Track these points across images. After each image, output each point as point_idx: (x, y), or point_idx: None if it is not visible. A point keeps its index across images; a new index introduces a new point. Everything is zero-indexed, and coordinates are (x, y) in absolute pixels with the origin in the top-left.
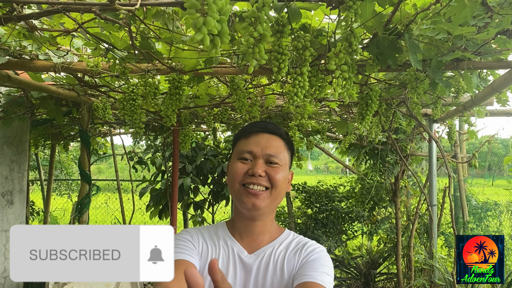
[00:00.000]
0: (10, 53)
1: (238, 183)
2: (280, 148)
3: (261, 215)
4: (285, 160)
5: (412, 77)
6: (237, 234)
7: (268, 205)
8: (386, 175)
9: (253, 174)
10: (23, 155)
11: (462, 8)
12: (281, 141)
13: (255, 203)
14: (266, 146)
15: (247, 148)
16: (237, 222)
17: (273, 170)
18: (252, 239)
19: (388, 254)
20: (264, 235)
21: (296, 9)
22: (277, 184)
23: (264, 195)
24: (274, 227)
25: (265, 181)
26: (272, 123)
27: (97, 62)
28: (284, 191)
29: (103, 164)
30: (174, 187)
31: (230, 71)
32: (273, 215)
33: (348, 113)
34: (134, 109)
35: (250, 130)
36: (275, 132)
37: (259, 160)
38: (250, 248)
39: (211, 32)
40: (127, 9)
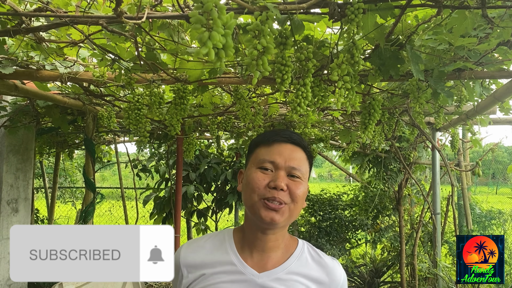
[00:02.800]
0: (17, 64)
1: (257, 196)
2: (303, 161)
3: (277, 229)
4: (306, 173)
5: (414, 87)
6: (246, 250)
7: (286, 220)
8: (390, 183)
9: (275, 187)
10: (28, 163)
11: (463, 20)
12: (303, 154)
13: (274, 218)
14: (290, 157)
15: (269, 157)
16: (248, 233)
17: (295, 185)
18: (262, 257)
19: (392, 262)
20: (276, 251)
21: (299, 22)
22: (297, 200)
23: (283, 209)
24: (286, 240)
25: (286, 195)
26: (296, 133)
27: (103, 72)
28: (301, 206)
29: (107, 172)
30: (177, 195)
31: (234, 81)
32: (286, 229)
33: (351, 122)
34: (139, 118)
35: (274, 139)
36: (299, 143)
37: (281, 171)
38: (259, 267)
39: (216, 46)
40: (133, 22)
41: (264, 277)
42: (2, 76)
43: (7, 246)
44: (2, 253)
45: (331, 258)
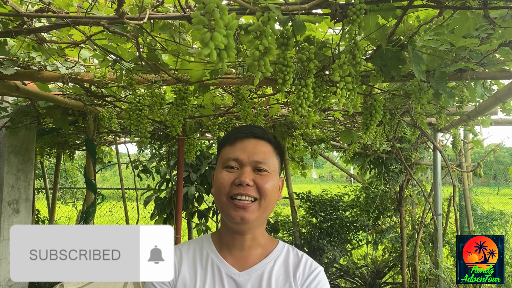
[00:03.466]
0: (18, 64)
1: (225, 196)
2: (269, 154)
3: (250, 228)
4: (274, 166)
5: (416, 88)
6: (225, 250)
7: (258, 217)
8: (391, 184)
9: (240, 184)
10: (29, 164)
11: (464, 20)
12: (269, 146)
13: (243, 216)
14: (253, 152)
15: (233, 155)
16: (225, 236)
17: (262, 179)
18: (242, 255)
19: (393, 263)
20: (255, 249)
21: (300, 22)
22: (266, 194)
23: (253, 207)
24: (266, 240)
25: (253, 191)
26: (258, 126)
27: (104, 73)
28: (274, 201)
29: (107, 173)
30: (178, 195)
31: (235, 82)
32: (263, 227)
33: (353, 123)
34: (140, 119)
35: (235, 136)
36: (262, 136)
37: (246, 167)
38: (240, 265)
39: (218, 46)
40: (135, 23)
41: (245, 275)
42: (3, 76)
43: (8, 247)
44: (3, 254)
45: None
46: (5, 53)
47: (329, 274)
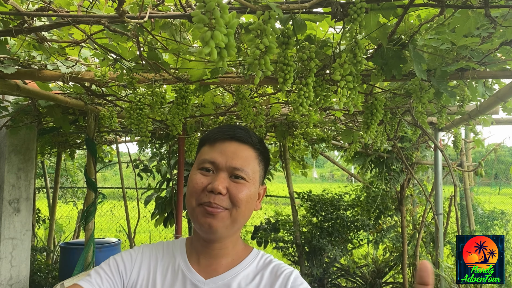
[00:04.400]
0: (19, 63)
1: (195, 201)
2: (249, 160)
3: (220, 238)
4: (254, 174)
5: (417, 87)
6: (194, 256)
7: (228, 226)
8: (392, 184)
9: (212, 191)
10: (30, 163)
11: (466, 19)
12: (251, 152)
13: (211, 223)
14: (232, 157)
15: (210, 157)
16: (195, 241)
17: (237, 188)
18: (209, 263)
19: (394, 263)
20: (224, 258)
21: (301, 21)
22: (239, 205)
23: (222, 215)
24: (238, 248)
25: (225, 200)
26: (243, 128)
27: (104, 72)
28: (249, 211)
29: (108, 172)
30: (179, 195)
31: (236, 81)
32: (236, 236)
33: (353, 122)
34: (141, 118)
35: (216, 137)
36: (245, 140)
37: (222, 173)
38: (206, 273)
39: (218, 45)
40: (135, 22)
41: (210, 283)
42: (4, 76)
43: (8, 246)
44: (3, 253)
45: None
46: (6, 52)
47: (329, 273)
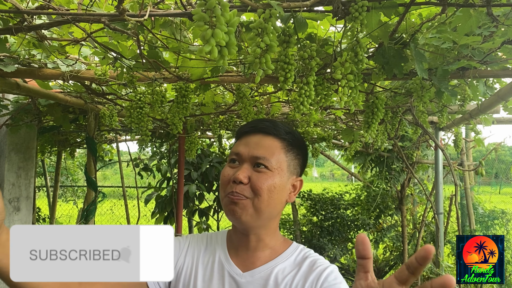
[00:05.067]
0: (19, 62)
1: (223, 192)
2: (273, 150)
3: (251, 228)
4: (279, 164)
5: (418, 86)
6: (232, 249)
7: (253, 216)
8: (392, 183)
9: (234, 181)
10: (30, 162)
11: (467, 18)
12: (276, 142)
13: (234, 210)
14: (255, 147)
15: (235, 149)
16: (233, 234)
17: (258, 176)
18: (247, 255)
19: (394, 262)
20: (262, 251)
21: (302, 19)
22: (260, 193)
23: (244, 203)
24: (276, 242)
25: (246, 189)
26: (270, 120)
27: (105, 71)
28: (276, 202)
29: (108, 171)
30: (179, 194)
31: (236, 80)
32: (271, 229)
33: (354, 121)
34: (141, 117)
35: (242, 130)
36: (269, 131)
37: (245, 163)
38: (244, 266)
39: (219, 43)
40: (135, 20)
41: (247, 276)
42: (3, 74)
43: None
44: None
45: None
46: (6, 51)
47: None
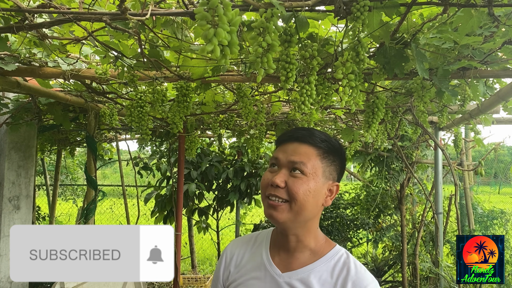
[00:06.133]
0: (20, 60)
1: (263, 194)
2: (309, 156)
3: (290, 229)
4: (315, 169)
5: (419, 86)
6: (274, 249)
7: (290, 219)
8: (392, 183)
9: (271, 184)
10: (30, 161)
11: (468, 18)
12: (312, 149)
13: (272, 214)
14: (292, 153)
15: (275, 155)
16: (274, 234)
17: (294, 181)
18: (287, 256)
19: (393, 262)
20: (301, 252)
21: (303, 19)
22: (296, 197)
23: (282, 207)
24: (316, 242)
25: (283, 192)
26: (307, 129)
27: (105, 70)
28: (312, 205)
29: (108, 170)
30: (179, 193)
31: (237, 79)
32: (310, 229)
33: (354, 121)
34: (142, 116)
35: (282, 138)
36: (304, 139)
37: (283, 169)
38: (284, 266)
39: (221, 43)
40: (137, 19)
41: (286, 277)
42: (4, 72)
43: (9, 244)
44: (3, 250)
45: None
46: (7, 49)
47: None
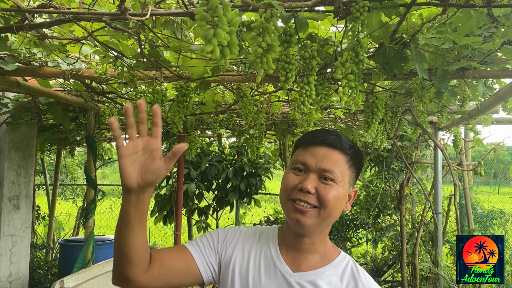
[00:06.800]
0: (19, 60)
1: (286, 196)
2: (339, 163)
3: (309, 232)
4: (343, 177)
5: (418, 86)
6: (284, 247)
7: (316, 224)
8: (391, 183)
9: (301, 189)
10: (30, 160)
11: (468, 19)
12: (341, 156)
13: (299, 219)
14: (322, 159)
15: (302, 158)
16: (286, 234)
17: (325, 188)
18: (297, 256)
19: (392, 262)
20: (312, 254)
21: (303, 19)
22: (327, 205)
23: (311, 213)
24: (326, 247)
25: (313, 199)
26: (336, 133)
27: (105, 69)
28: (338, 211)
29: (108, 169)
30: (179, 192)
31: (237, 79)
32: (324, 234)
33: (353, 121)
34: None
35: (309, 140)
36: (336, 145)
37: (312, 174)
38: (294, 266)
39: (221, 43)
40: (137, 19)
41: (297, 277)
42: (4, 72)
43: (8, 243)
44: (3, 249)
45: (370, 277)
46: (6, 49)
47: None
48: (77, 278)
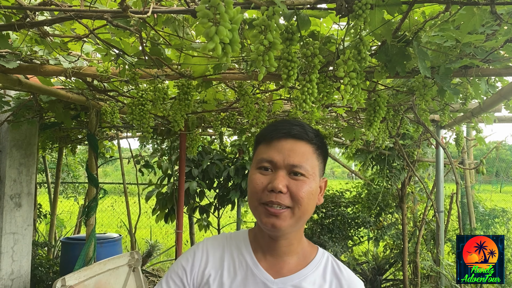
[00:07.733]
0: (21, 58)
1: (257, 200)
2: (307, 156)
3: (284, 234)
4: (313, 169)
5: (420, 84)
6: (259, 252)
7: (292, 224)
8: (393, 181)
9: (272, 190)
10: (31, 158)
11: (471, 17)
12: (308, 147)
13: (275, 224)
14: (289, 154)
15: (267, 156)
16: (260, 238)
17: (297, 185)
18: (277, 261)
19: (394, 260)
20: (291, 256)
21: (305, 17)
22: (301, 202)
23: (285, 214)
24: (304, 246)
25: (286, 198)
26: (298, 123)
27: (107, 67)
28: (312, 207)
29: (109, 167)
30: (180, 191)
31: (238, 77)
32: (300, 233)
33: (355, 119)
34: (143, 114)
35: (272, 135)
36: (301, 136)
37: (280, 171)
38: (274, 272)
39: (222, 41)
40: (138, 17)
41: (279, 283)
42: (5, 70)
43: (10, 241)
44: (5, 247)
45: (350, 271)
46: (8, 47)
47: None
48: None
